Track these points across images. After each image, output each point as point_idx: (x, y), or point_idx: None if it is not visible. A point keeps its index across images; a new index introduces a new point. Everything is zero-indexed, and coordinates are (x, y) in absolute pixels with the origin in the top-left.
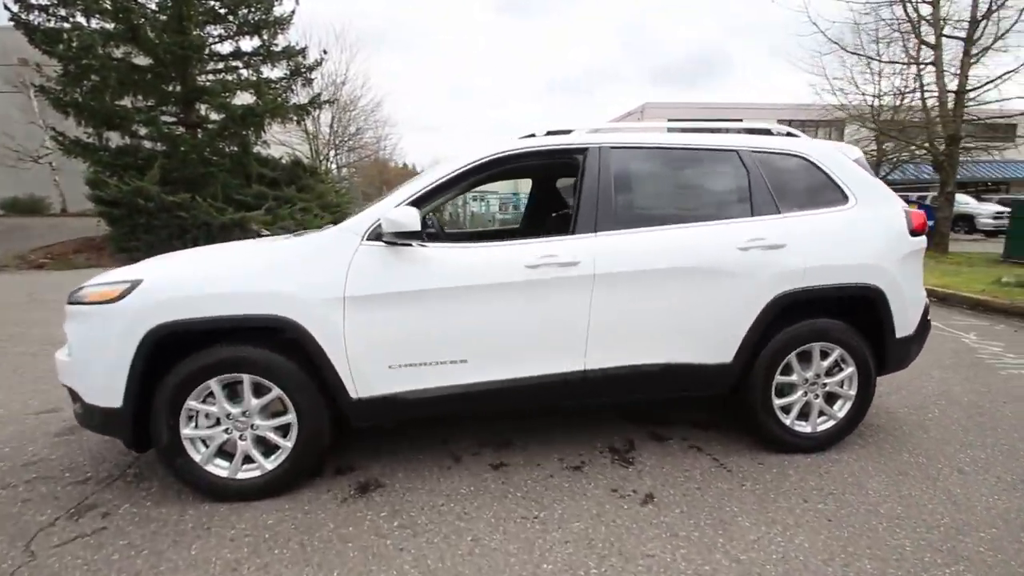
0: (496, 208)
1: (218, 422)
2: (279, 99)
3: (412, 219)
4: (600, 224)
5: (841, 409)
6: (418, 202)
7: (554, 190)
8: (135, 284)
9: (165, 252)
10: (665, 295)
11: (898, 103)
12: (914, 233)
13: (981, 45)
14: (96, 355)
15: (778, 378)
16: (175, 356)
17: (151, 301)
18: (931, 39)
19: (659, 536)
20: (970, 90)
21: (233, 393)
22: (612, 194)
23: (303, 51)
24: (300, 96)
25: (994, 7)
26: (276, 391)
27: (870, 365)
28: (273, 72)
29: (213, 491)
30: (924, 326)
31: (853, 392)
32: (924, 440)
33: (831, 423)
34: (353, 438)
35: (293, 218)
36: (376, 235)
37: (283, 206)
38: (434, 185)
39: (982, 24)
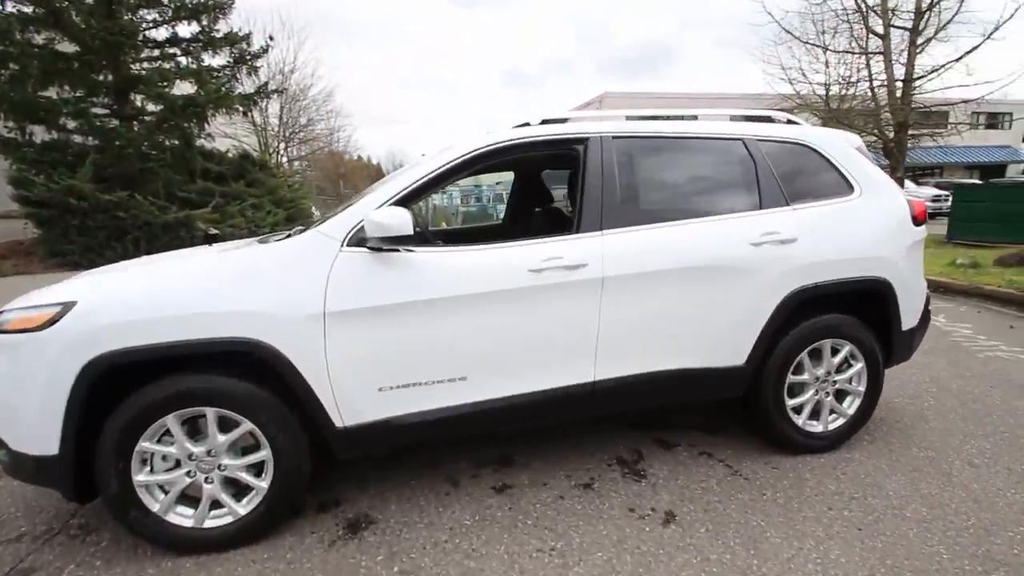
0: (458, 201)
1: (178, 464)
2: (223, 88)
3: (402, 222)
4: (606, 221)
5: (851, 406)
6: (405, 200)
7: (539, 182)
8: (68, 307)
9: (103, 254)
10: (677, 296)
11: (845, 92)
12: (916, 222)
13: (926, 36)
14: (23, 394)
15: (790, 378)
16: (123, 389)
17: (89, 327)
18: (880, 29)
19: (690, 563)
20: (917, 78)
21: (195, 429)
22: (617, 188)
23: (247, 37)
24: (245, 85)
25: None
26: (247, 425)
27: (879, 360)
28: (215, 60)
29: (176, 544)
30: (925, 317)
31: (862, 388)
32: (927, 432)
33: (842, 421)
34: (336, 466)
35: (243, 215)
36: (358, 240)
37: (232, 203)
38: (423, 181)
39: (926, 15)
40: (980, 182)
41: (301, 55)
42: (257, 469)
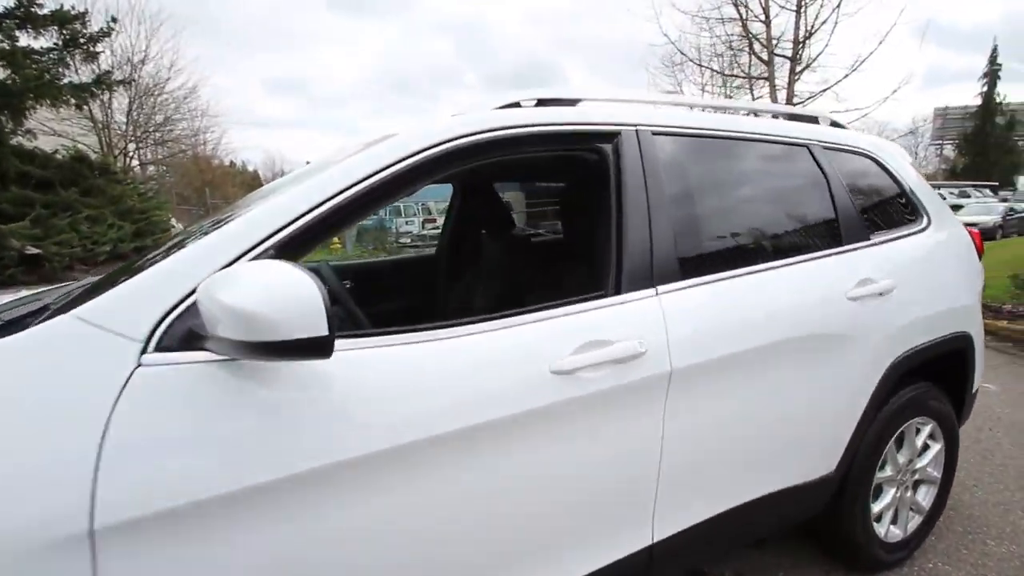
0: None
1: None
2: (46, 75)
3: (297, 308)
4: (659, 272)
5: (926, 497)
6: (303, 242)
7: (492, 196)
8: None
9: None
10: (766, 387)
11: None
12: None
13: (802, 66)
14: None
15: (876, 476)
16: None
17: None
18: (764, 56)
19: None
20: (797, 104)
21: None
22: (669, 215)
23: (82, 17)
24: (81, 74)
25: (811, 32)
26: None
27: (957, 436)
28: (37, 41)
29: None
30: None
31: (939, 474)
32: (982, 509)
33: (919, 519)
34: None
35: (76, 229)
36: (185, 337)
37: (60, 214)
38: (341, 200)
39: (802, 45)
40: None
41: (155, 44)
42: None
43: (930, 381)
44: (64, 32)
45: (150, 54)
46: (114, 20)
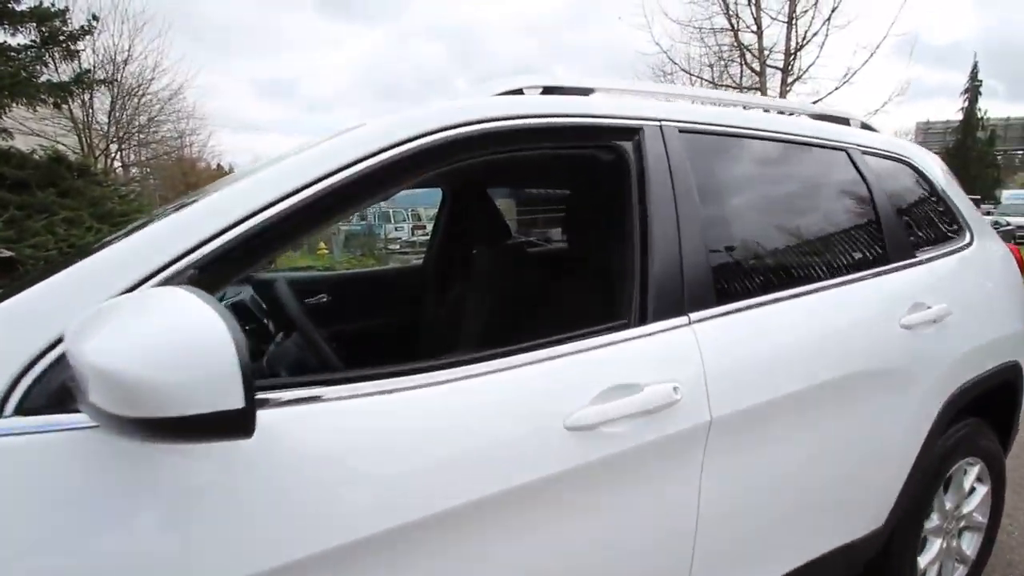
0: None
1: None
2: (23, 73)
3: (200, 366)
4: (691, 297)
5: (970, 546)
6: (231, 262)
7: (485, 200)
8: None
9: None
10: (817, 434)
11: None
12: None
13: (793, 77)
14: None
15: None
16: None
17: None
18: (756, 66)
19: None
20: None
21: None
22: (700, 228)
23: (62, 13)
24: (61, 72)
25: (802, 44)
26: None
27: (1004, 476)
28: (15, 38)
29: None
30: None
31: (985, 519)
32: (1019, 549)
33: (963, 570)
34: None
35: (52, 232)
36: (57, 397)
37: (35, 216)
38: (279, 209)
39: (792, 58)
40: None
41: (139, 43)
42: None
43: (977, 416)
44: (43, 29)
45: (133, 54)
46: (95, 18)
